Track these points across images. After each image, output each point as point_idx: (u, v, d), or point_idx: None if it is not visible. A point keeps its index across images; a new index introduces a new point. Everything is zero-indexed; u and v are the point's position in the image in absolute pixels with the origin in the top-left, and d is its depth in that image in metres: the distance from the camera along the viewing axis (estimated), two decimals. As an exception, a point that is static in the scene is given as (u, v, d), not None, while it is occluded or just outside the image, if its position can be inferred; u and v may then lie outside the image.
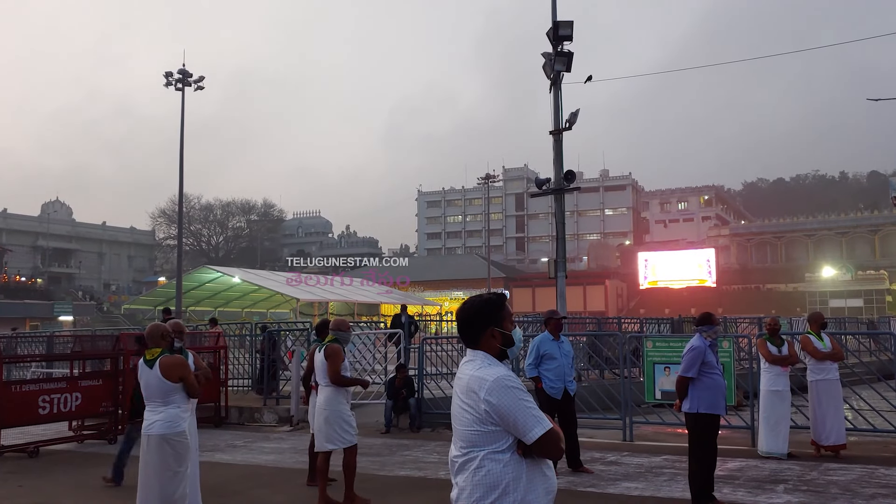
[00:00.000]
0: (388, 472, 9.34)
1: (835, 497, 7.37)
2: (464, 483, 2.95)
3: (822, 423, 9.52)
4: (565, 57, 17.49)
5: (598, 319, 29.54)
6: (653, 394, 11.14)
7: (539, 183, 18.26)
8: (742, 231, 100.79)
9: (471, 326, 3.15)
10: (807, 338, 9.79)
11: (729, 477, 8.30)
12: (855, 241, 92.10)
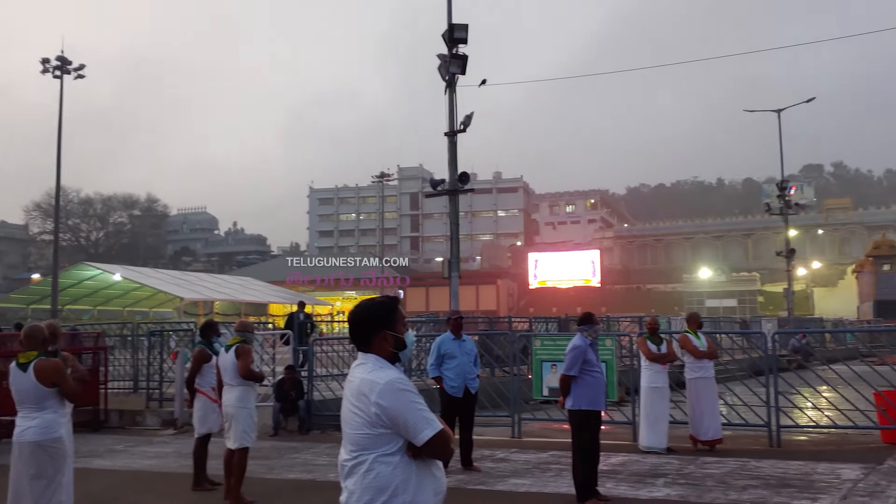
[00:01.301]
0: (276, 475, 9.16)
1: (710, 489, 7.74)
2: (353, 486, 2.94)
3: (700, 419, 10.00)
4: (460, 60, 17.64)
5: (490, 319, 30.02)
6: (540, 391, 11.41)
7: (434, 183, 18.36)
8: (625, 234, 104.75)
9: (362, 329, 3.13)
10: (685, 336, 10.25)
11: (612, 472, 8.58)
12: (730, 244, 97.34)
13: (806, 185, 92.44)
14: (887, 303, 46.41)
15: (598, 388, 7.45)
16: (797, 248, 46.72)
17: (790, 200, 40.55)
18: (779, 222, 43.16)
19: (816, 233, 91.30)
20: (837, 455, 9.41)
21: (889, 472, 8.24)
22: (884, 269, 47.97)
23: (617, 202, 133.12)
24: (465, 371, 9.01)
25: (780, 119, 39.84)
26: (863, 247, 71.53)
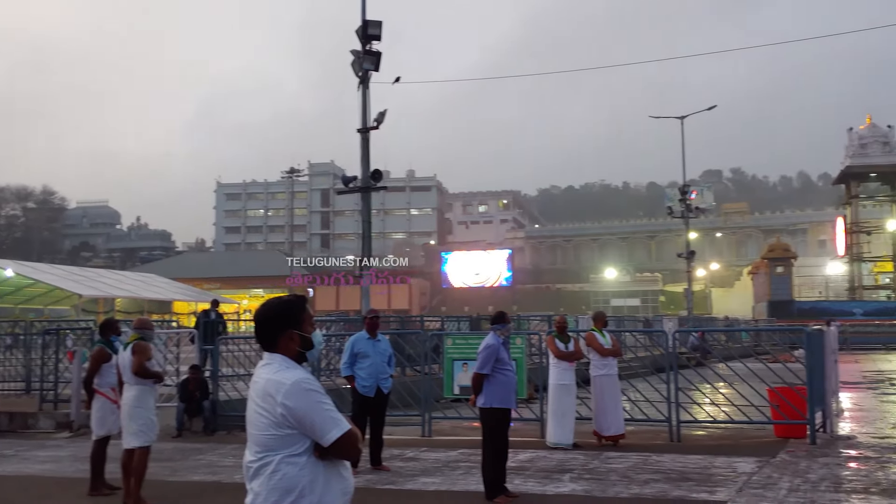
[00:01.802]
0: (179, 477, 8.88)
1: (614, 484, 7.94)
2: (259, 488, 2.87)
3: (604, 415, 10.24)
4: (374, 56, 17.54)
5: (402, 318, 29.98)
6: (451, 389, 11.45)
7: (346, 180, 18.19)
8: (536, 234, 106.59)
9: (268, 328, 3.06)
10: (592, 335, 10.49)
11: (520, 468, 8.69)
12: (634, 245, 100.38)
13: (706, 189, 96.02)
14: (780, 303, 48.76)
15: (509, 386, 7.54)
16: (697, 249, 48.60)
17: (691, 204, 42.11)
18: (680, 225, 44.77)
19: (715, 235, 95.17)
20: (734, 449, 9.80)
21: (781, 465, 8.64)
22: (777, 270, 50.36)
23: (528, 203, 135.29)
24: (378, 371, 8.96)
25: (682, 126, 41.31)
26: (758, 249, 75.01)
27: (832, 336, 12.33)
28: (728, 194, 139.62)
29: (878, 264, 57.91)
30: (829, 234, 74.79)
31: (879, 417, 13.29)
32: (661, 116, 43.62)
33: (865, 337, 41.12)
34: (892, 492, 7.24)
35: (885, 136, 54.68)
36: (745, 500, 7.06)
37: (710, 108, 42.52)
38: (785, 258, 50.89)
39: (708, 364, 14.93)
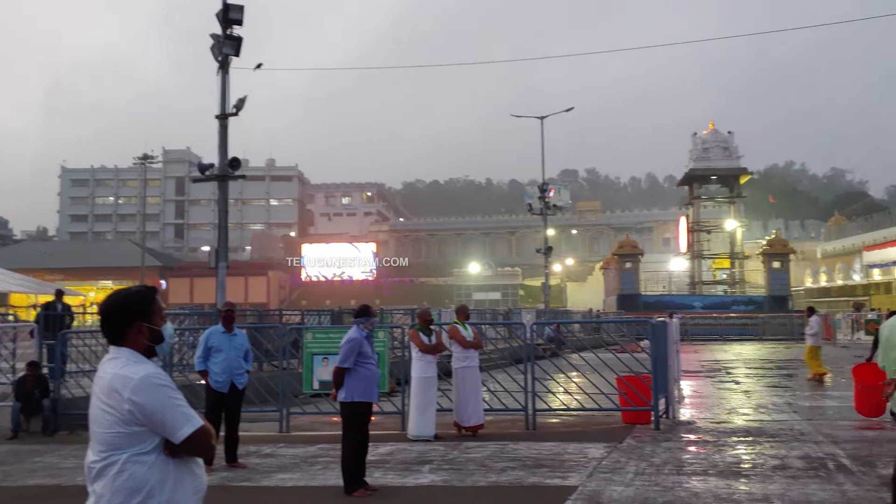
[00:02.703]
0: (14, 482, 8.26)
1: (472, 473, 8.08)
2: (102, 490, 2.69)
3: (465, 406, 10.41)
4: (234, 41, 16.97)
5: (260, 311, 29.26)
6: (311, 384, 11.28)
7: (202, 168, 17.51)
8: (401, 228, 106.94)
9: (115, 321, 2.88)
10: (455, 327, 10.63)
11: (380, 461, 8.68)
12: (496, 240, 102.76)
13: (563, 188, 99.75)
14: (628, 297, 51.38)
15: (371, 379, 7.51)
16: (554, 245, 50.36)
17: (549, 202, 43.53)
18: (539, 222, 46.23)
19: (571, 232, 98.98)
20: (585, 435, 10.23)
21: (628, 450, 9.09)
22: (626, 266, 52.98)
23: (393, 196, 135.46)
24: (233, 366, 8.69)
25: (542, 126, 42.63)
26: (609, 246, 78.66)
27: (674, 328, 13.11)
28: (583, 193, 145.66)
29: (717, 261, 62.10)
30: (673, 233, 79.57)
31: (716, 404, 14.24)
32: (521, 116, 44.83)
33: (704, 328, 44.07)
34: (727, 473, 7.77)
35: (725, 142, 58.64)
36: (594, 484, 7.37)
37: (568, 110, 44.12)
38: (633, 255, 53.63)
39: (562, 355, 15.48)
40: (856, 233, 73.72)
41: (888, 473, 6.52)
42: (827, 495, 6.76)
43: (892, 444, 6.34)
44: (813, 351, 18.21)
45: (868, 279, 63.86)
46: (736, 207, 58.82)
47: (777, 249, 52.05)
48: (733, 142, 58.70)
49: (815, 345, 18.22)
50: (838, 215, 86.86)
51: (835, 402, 14.37)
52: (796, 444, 9.37)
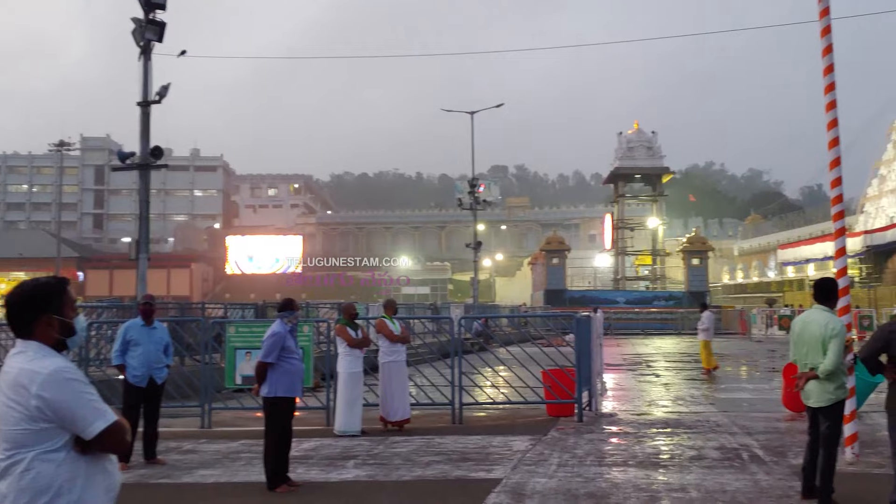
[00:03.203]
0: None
1: (398, 467, 8.06)
2: (7, 489, 2.57)
3: (391, 401, 10.38)
4: (157, 26, 16.47)
5: (182, 304, 28.57)
6: (233, 379, 11.06)
7: (122, 156, 16.96)
8: (328, 220, 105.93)
9: (23, 313, 2.75)
10: (382, 322, 10.58)
11: (304, 457, 8.57)
12: (426, 235, 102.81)
13: (493, 183, 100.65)
14: (555, 291, 52.19)
15: (295, 374, 7.42)
16: (483, 241, 50.77)
17: (479, 197, 43.80)
18: (469, 217, 46.48)
19: (500, 228, 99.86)
20: (510, 429, 10.33)
21: (552, 442, 9.22)
22: (553, 262, 53.77)
23: (321, 188, 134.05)
24: (152, 360, 8.45)
25: (472, 121, 42.84)
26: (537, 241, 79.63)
27: (598, 322, 13.35)
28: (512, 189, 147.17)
29: (640, 258, 63.64)
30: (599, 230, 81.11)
31: (637, 396, 14.58)
32: (452, 110, 44.97)
33: (627, 323, 45.18)
34: (647, 464, 7.96)
35: (649, 142, 60.05)
36: (518, 476, 7.44)
37: (498, 106, 44.42)
38: (560, 250, 54.48)
39: (490, 349, 15.60)
40: (771, 231, 76.70)
41: (798, 463, 6.79)
42: (741, 485, 6.99)
43: (802, 434, 6.60)
44: (705, 345, 18.72)
45: (782, 276, 66.49)
46: (658, 206, 60.34)
47: (696, 247, 53.67)
48: (657, 142, 60.17)
49: (707, 339, 18.73)
50: (755, 214, 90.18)
51: (749, 395, 14.89)
52: (712, 435, 9.67)
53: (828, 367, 6.09)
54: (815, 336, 6.22)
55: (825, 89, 8.44)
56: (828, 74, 8.45)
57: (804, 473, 6.43)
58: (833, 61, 8.49)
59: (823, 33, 8.50)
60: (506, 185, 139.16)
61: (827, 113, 8.44)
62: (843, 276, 8.09)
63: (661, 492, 6.79)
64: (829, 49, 8.48)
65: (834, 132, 8.42)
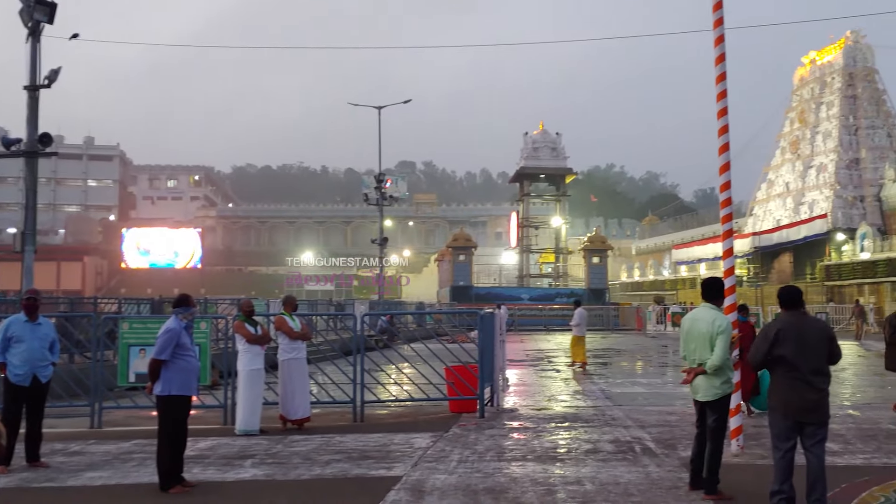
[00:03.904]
0: None
1: (296, 466, 7.94)
2: None
3: (291, 399, 10.21)
4: (47, 6, 15.65)
5: (72, 299, 27.35)
6: (126, 377, 10.64)
7: (7, 142, 16.03)
8: (230, 214, 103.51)
9: None
10: (281, 318, 10.39)
11: (200, 456, 8.34)
12: (331, 230, 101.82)
13: (400, 179, 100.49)
14: (461, 288, 52.65)
15: (190, 372, 7.20)
16: (390, 237, 50.70)
17: (386, 193, 43.68)
18: (375, 212, 46.26)
19: (407, 224, 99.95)
20: (412, 426, 10.35)
21: (453, 439, 9.28)
22: (460, 259, 54.24)
23: (222, 181, 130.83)
24: (36, 357, 8.01)
25: (380, 115, 42.66)
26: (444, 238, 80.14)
27: (501, 318, 13.54)
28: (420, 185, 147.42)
29: (543, 256, 64.98)
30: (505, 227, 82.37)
31: (538, 391, 14.87)
32: (358, 104, 44.67)
33: (531, 319, 46.03)
34: (545, 458, 8.12)
35: (553, 143, 61.32)
36: (418, 473, 7.46)
37: (405, 102, 44.36)
38: (467, 247, 55.02)
39: (394, 346, 15.58)
40: (666, 232, 79.68)
41: (688, 455, 7.06)
42: (633, 477, 7.22)
43: (692, 427, 6.87)
44: (577, 340, 19.49)
45: (676, 275, 69.19)
46: (562, 205, 61.72)
47: (597, 246, 55.22)
48: (561, 143, 61.51)
49: (579, 335, 19.49)
50: (652, 215, 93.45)
51: (644, 389, 15.41)
52: (608, 428, 9.96)
53: (715, 362, 6.37)
54: (703, 333, 6.48)
55: (717, 97, 8.81)
56: (720, 82, 8.82)
57: (692, 465, 6.70)
58: (725, 69, 8.86)
59: (717, 42, 8.86)
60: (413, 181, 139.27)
61: (718, 120, 8.81)
62: (730, 276, 8.46)
63: (558, 485, 6.94)
64: (721, 58, 8.85)
65: (724, 138, 8.79)
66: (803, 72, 58.14)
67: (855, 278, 44.91)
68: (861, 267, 44.51)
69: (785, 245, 53.29)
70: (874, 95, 53.16)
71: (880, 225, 47.85)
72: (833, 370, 5.93)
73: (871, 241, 45.01)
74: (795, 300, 5.89)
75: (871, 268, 43.50)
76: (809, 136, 55.02)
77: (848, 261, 46.38)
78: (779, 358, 5.73)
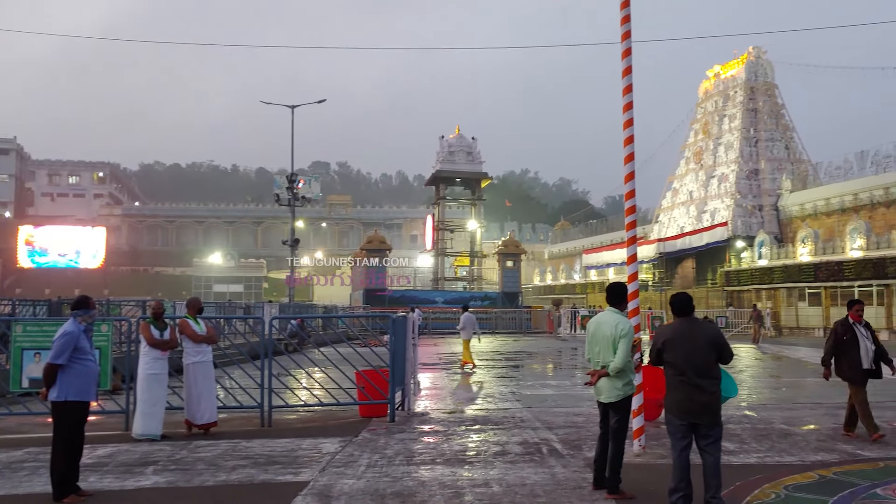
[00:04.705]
0: None
1: (201, 473, 7.73)
2: None
3: (196, 404, 9.95)
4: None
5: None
6: (19, 382, 10.14)
7: None
8: (135, 212, 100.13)
9: None
10: (185, 321, 10.12)
11: (98, 464, 8.02)
12: (241, 230, 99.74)
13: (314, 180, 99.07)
14: (375, 291, 52.40)
15: (89, 377, 6.91)
16: (302, 238, 50.00)
17: (298, 193, 43.09)
18: (287, 213, 45.61)
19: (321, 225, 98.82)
20: (321, 431, 10.24)
21: (362, 443, 9.23)
22: (374, 261, 53.98)
23: (129, 179, 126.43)
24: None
25: (293, 115, 42.09)
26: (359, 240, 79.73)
27: (413, 321, 13.54)
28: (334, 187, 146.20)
29: (458, 259, 65.32)
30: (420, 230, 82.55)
31: (450, 394, 14.94)
32: (271, 103, 43.90)
33: (445, 322, 46.16)
34: (454, 461, 8.17)
35: (469, 147, 61.78)
36: (326, 478, 7.38)
37: (320, 102, 43.88)
38: (381, 250, 54.79)
39: (304, 350, 15.39)
40: (577, 237, 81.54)
41: (592, 455, 7.24)
42: (539, 478, 7.35)
43: (598, 428, 7.04)
44: (464, 343, 20.63)
45: (586, 279, 70.85)
46: (477, 209, 62.25)
47: (510, 250, 55.95)
48: (477, 147, 62.03)
49: (466, 338, 20.56)
50: (564, 221, 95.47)
51: (553, 391, 15.68)
52: (517, 430, 10.11)
53: (617, 364, 6.56)
54: (607, 336, 6.68)
55: (623, 108, 9.08)
56: (626, 94, 9.08)
57: (595, 465, 6.87)
58: (632, 82, 9.13)
59: (624, 55, 9.13)
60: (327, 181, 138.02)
61: (624, 130, 9.08)
62: (633, 281, 8.73)
63: (466, 488, 6.99)
64: (628, 70, 9.11)
65: (629, 148, 9.06)
66: (708, 85, 60.50)
67: (753, 284, 46.99)
68: (759, 273, 46.61)
69: (688, 251, 55.27)
70: (774, 109, 55.80)
71: (777, 233, 50.29)
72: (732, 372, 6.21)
73: (768, 249, 47.21)
74: (685, 307, 6.17)
75: (768, 274, 45.60)
76: (712, 147, 57.26)
77: (747, 267, 48.48)
78: (668, 363, 6.04)
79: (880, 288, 37.88)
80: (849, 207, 44.92)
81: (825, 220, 46.76)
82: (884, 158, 43.67)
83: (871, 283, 38.24)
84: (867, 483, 7.08)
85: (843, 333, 9.55)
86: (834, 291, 41.14)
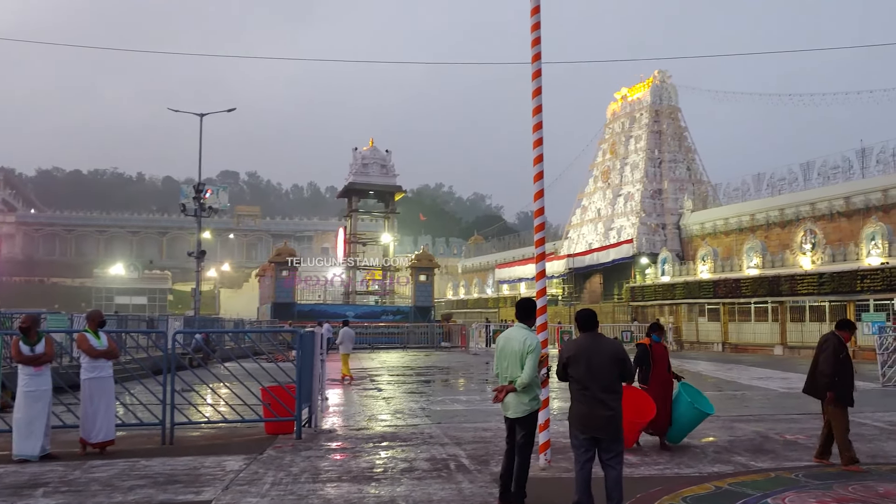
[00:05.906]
0: None
1: (95, 494, 7.40)
2: None
3: (92, 421, 9.52)
4: None
5: None
6: None
7: None
8: (31, 220, 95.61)
9: None
10: (83, 336, 9.69)
11: (-18, 488, 7.58)
12: (145, 240, 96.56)
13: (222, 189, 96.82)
14: (283, 305, 51.52)
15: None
16: (209, 250, 48.71)
17: (205, 203, 42.03)
18: (193, 223, 44.41)
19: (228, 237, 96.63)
20: (225, 448, 9.96)
21: (268, 461, 9.04)
22: (282, 274, 53.08)
23: (24, 184, 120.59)
24: None
25: (201, 123, 41.11)
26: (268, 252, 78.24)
27: (322, 336, 13.38)
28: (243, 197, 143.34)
29: (370, 273, 65.00)
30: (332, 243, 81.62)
31: (359, 411, 14.80)
32: (179, 110, 42.79)
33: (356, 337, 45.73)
34: (360, 478, 8.09)
35: (383, 160, 61.71)
36: (229, 497, 7.19)
37: (229, 110, 43.04)
38: (290, 262, 53.93)
39: (208, 366, 14.96)
40: (490, 252, 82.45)
41: (499, 470, 7.30)
42: (446, 494, 7.36)
43: (505, 443, 7.10)
44: (343, 357, 21.94)
45: (499, 293, 71.66)
46: (390, 222, 62.16)
47: (424, 263, 56.07)
48: (391, 160, 62.02)
49: (345, 352, 22.03)
50: (477, 235, 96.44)
51: (463, 406, 15.75)
52: (425, 446, 10.10)
53: (524, 380, 6.64)
54: (515, 351, 6.76)
55: (533, 128, 9.26)
56: (536, 115, 9.27)
57: (501, 480, 6.93)
58: (542, 103, 9.32)
59: (534, 76, 9.32)
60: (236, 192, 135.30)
61: (534, 150, 9.25)
62: (542, 297, 8.88)
63: (372, 505, 6.93)
64: (538, 91, 9.30)
65: (539, 167, 9.24)
66: (615, 107, 62.40)
67: (656, 299, 48.55)
68: (662, 289, 48.20)
69: (596, 267, 56.66)
70: (677, 132, 57.98)
71: (679, 251, 52.18)
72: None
73: (670, 266, 48.93)
74: (590, 322, 6.33)
75: (671, 290, 47.21)
76: (619, 167, 59.03)
77: (650, 283, 50.09)
78: (573, 378, 6.17)
79: (775, 304, 39.73)
80: (746, 227, 47.06)
81: (724, 238, 48.83)
82: (779, 181, 45.94)
83: (766, 299, 40.07)
84: (759, 493, 7.39)
85: (841, 351, 8.73)
86: (732, 307, 42.93)
